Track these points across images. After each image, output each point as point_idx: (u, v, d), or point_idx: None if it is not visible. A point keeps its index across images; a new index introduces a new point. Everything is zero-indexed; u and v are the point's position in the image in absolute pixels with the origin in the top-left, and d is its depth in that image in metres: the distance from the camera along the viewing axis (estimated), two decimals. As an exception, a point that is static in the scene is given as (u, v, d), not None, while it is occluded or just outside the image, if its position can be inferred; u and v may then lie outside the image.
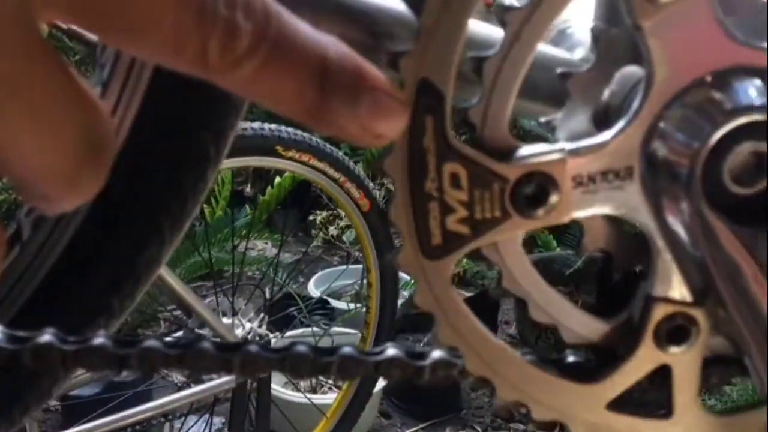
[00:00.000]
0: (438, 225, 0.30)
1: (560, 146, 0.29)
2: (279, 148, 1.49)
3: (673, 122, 0.29)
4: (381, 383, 1.84)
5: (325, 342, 2.04)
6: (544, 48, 0.34)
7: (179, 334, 1.74)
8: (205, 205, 2.30)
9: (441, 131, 0.28)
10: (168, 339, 0.33)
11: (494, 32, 0.29)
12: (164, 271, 1.45)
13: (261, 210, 2.36)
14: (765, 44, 0.28)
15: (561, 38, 0.43)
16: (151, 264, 0.36)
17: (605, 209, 0.30)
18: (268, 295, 2.00)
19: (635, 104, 0.29)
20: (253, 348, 0.34)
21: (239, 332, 1.66)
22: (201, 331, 1.67)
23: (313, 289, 2.43)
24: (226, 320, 1.72)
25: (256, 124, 1.51)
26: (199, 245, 2.03)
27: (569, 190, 0.29)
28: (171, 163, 0.34)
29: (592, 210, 0.30)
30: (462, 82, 0.30)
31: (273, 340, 1.75)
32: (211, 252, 1.88)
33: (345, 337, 2.02)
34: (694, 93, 0.28)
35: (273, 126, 1.52)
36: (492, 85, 0.29)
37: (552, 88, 0.31)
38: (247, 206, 2.64)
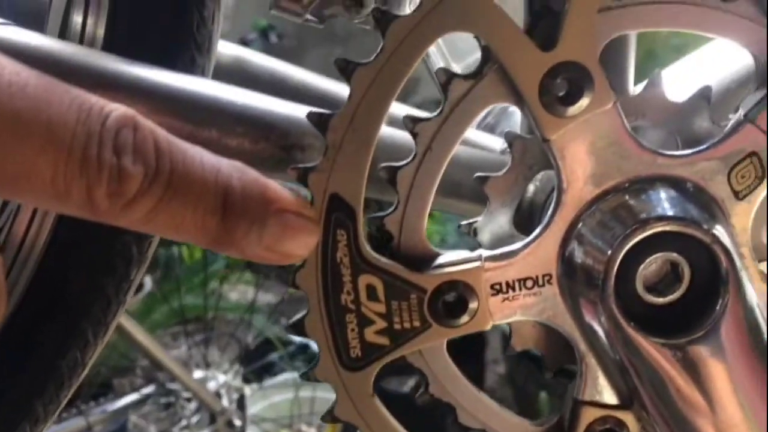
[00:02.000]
0: (356, 337, 0.29)
1: (477, 254, 0.29)
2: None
3: (587, 230, 0.28)
4: None
5: (306, 389, 2.01)
6: (464, 148, 0.34)
7: (150, 389, 1.71)
8: (184, 248, 2.27)
9: (354, 244, 0.28)
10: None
11: (407, 139, 0.29)
12: (129, 325, 1.43)
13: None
14: (677, 153, 0.28)
15: (503, 117, 0.44)
16: (75, 367, 0.35)
17: (526, 315, 0.30)
18: (249, 341, 1.97)
19: (549, 212, 0.29)
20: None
21: (212, 386, 1.63)
22: (172, 386, 1.63)
23: (296, 333, 2.38)
24: (199, 373, 1.69)
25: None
26: (173, 292, 2.00)
27: (488, 297, 0.29)
28: (92, 266, 0.33)
29: (512, 317, 0.30)
30: (378, 190, 0.29)
31: (248, 392, 1.72)
32: (182, 300, 1.85)
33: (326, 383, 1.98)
34: (606, 202, 0.28)
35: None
36: (407, 195, 0.29)
37: (474, 188, 0.31)
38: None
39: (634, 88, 0.34)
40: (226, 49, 0.41)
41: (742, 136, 0.28)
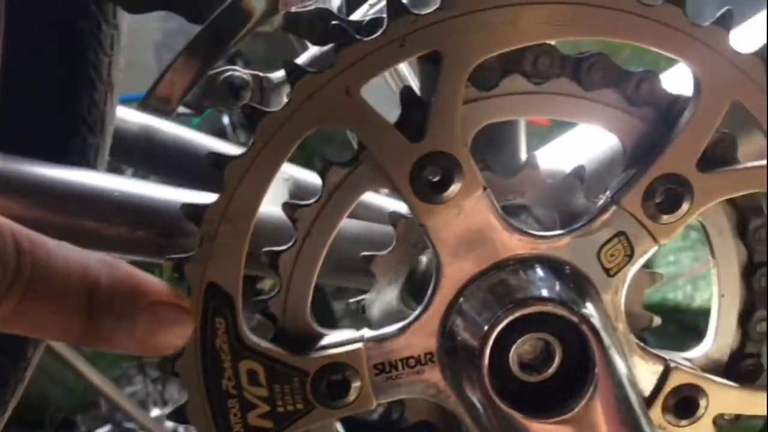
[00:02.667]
0: (239, 421, 0.29)
1: (360, 335, 0.29)
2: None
3: (464, 310, 0.29)
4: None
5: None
6: (354, 224, 0.34)
7: (107, 428, 1.67)
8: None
9: (234, 331, 0.28)
10: None
11: (282, 222, 0.29)
12: (84, 366, 1.40)
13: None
14: (547, 233, 0.29)
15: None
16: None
17: (410, 393, 0.30)
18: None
19: (429, 293, 0.29)
20: None
21: (169, 425, 1.60)
22: (129, 425, 1.60)
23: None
24: (156, 411, 1.66)
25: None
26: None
27: (371, 377, 0.29)
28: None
29: (397, 395, 0.30)
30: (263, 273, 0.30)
31: None
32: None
33: None
34: (482, 282, 0.29)
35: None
36: (288, 279, 0.29)
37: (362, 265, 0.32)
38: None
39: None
40: (133, 118, 0.41)
41: (609, 217, 0.29)
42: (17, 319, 0.23)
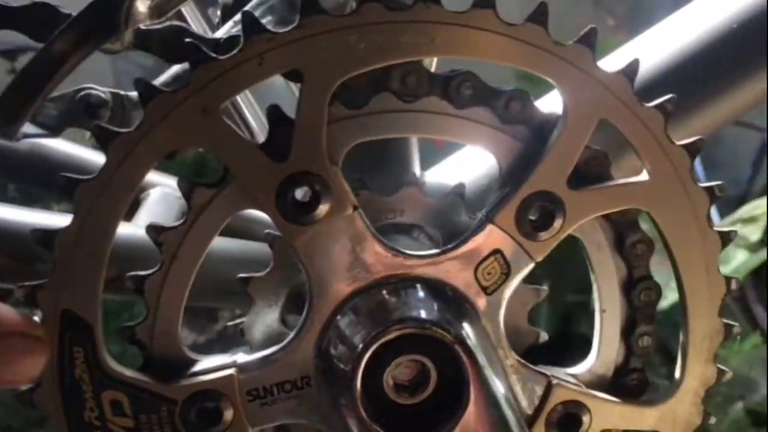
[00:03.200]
0: (105, 455, 0.28)
1: (232, 360, 0.29)
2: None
3: (338, 332, 0.28)
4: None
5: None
6: (231, 245, 0.34)
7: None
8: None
9: (94, 360, 0.27)
10: None
11: (148, 245, 0.28)
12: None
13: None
14: (423, 252, 0.29)
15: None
16: None
17: (289, 418, 0.29)
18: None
19: (303, 316, 0.29)
20: None
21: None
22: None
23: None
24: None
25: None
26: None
27: (245, 404, 0.29)
28: None
29: (275, 421, 0.29)
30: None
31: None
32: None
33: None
34: (356, 303, 0.28)
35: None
36: (156, 304, 0.28)
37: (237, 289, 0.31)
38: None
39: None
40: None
41: (484, 235, 0.29)
42: None
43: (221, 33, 0.27)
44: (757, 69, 0.35)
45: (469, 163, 0.36)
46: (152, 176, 0.40)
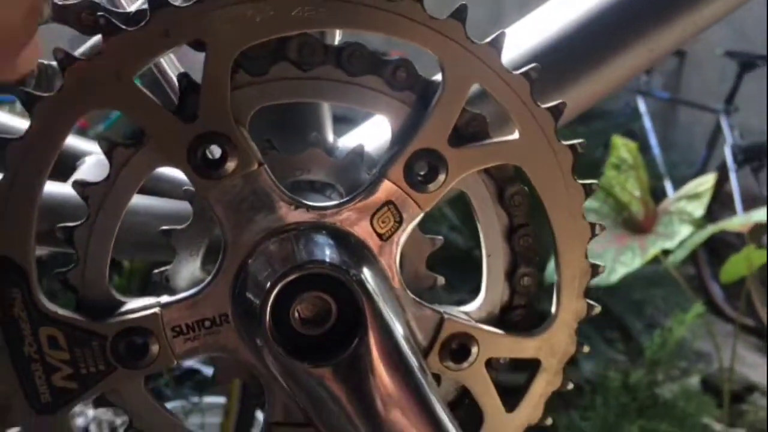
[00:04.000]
0: (44, 383, 0.31)
1: (155, 301, 0.32)
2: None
3: (250, 274, 0.32)
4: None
5: (196, 415, 1.98)
6: (152, 201, 0.37)
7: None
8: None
9: (30, 301, 0.30)
10: None
11: (78, 201, 0.32)
12: None
13: (130, 276, 2.27)
14: (324, 204, 0.33)
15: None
16: None
17: (209, 352, 0.33)
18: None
19: (219, 260, 0.32)
20: None
21: (80, 422, 1.58)
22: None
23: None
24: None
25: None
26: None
27: (170, 339, 0.32)
28: None
29: (197, 354, 0.33)
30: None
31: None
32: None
33: (215, 408, 1.97)
34: (265, 248, 0.32)
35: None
36: (84, 252, 0.32)
37: (161, 241, 0.34)
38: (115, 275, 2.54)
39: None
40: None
41: (378, 189, 0.33)
42: None
43: (133, 7, 0.31)
44: (626, 46, 0.39)
45: (373, 129, 0.40)
46: (89, 145, 0.44)
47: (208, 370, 2.27)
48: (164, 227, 0.34)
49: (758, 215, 2.02)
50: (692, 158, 4.17)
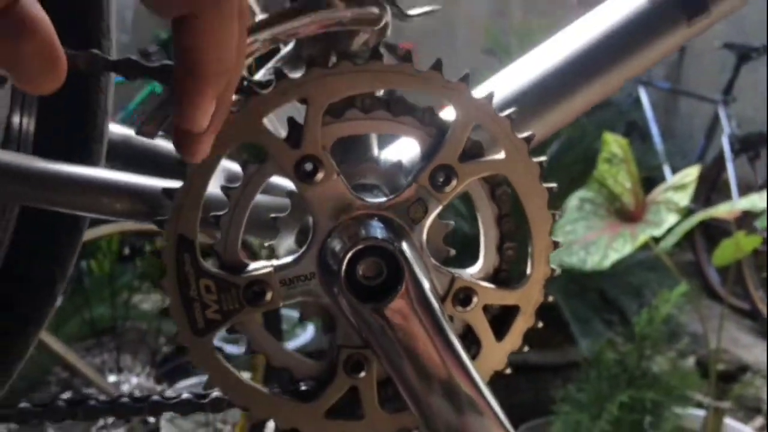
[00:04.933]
0: (200, 316, 0.49)
1: (271, 264, 0.50)
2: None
3: (331, 246, 0.50)
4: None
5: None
6: (264, 199, 0.55)
7: (67, 394, 1.82)
8: (92, 261, 2.37)
9: (195, 262, 0.48)
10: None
11: (222, 198, 0.49)
12: (45, 336, 1.56)
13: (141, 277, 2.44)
14: (375, 200, 0.50)
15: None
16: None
17: (305, 297, 0.51)
18: (160, 346, 2.10)
19: (310, 237, 0.50)
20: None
21: (125, 388, 1.77)
22: (88, 390, 1.76)
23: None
24: (112, 377, 1.82)
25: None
26: (83, 304, 2.11)
27: (279, 288, 0.50)
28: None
29: (296, 298, 0.51)
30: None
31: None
32: (92, 312, 1.98)
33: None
34: (339, 230, 0.50)
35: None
36: (227, 231, 0.49)
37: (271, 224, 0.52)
38: (136, 259, 2.73)
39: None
40: (116, 130, 0.60)
41: (411, 190, 0.50)
42: None
43: (259, 76, 0.48)
44: (586, 85, 0.57)
45: (405, 146, 0.57)
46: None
47: (232, 349, 2.48)
48: (273, 215, 0.51)
49: (743, 203, 2.19)
50: (692, 147, 4.31)
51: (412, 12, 0.55)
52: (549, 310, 0.56)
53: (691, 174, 1.96)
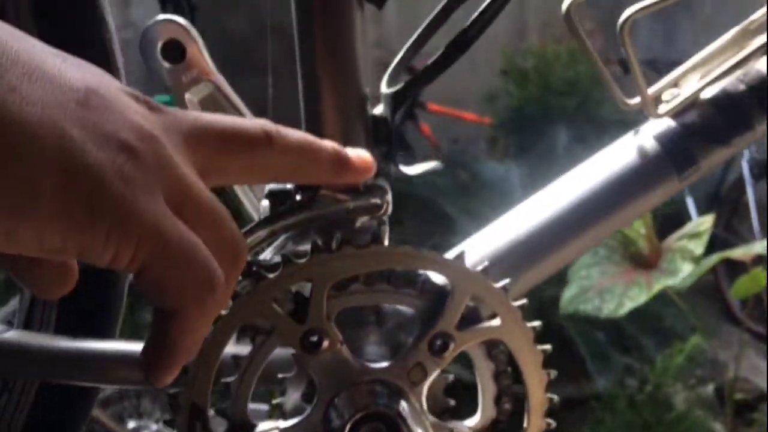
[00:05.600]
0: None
1: (277, 426, 0.53)
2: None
3: (335, 411, 0.52)
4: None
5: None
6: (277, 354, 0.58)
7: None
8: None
9: (206, 429, 0.51)
10: None
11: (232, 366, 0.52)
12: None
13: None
14: (377, 366, 0.53)
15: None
16: None
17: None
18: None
19: (315, 401, 0.53)
20: None
21: None
22: (108, 438, 1.81)
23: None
24: (132, 423, 1.86)
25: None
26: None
27: (284, 449, 0.53)
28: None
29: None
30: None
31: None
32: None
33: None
34: (343, 395, 0.52)
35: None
36: (235, 396, 0.52)
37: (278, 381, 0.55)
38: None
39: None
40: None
41: (411, 355, 0.53)
42: None
43: (267, 257, 0.51)
44: (577, 237, 0.59)
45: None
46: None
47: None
48: (280, 375, 0.54)
49: (758, 247, 2.18)
50: (712, 175, 4.28)
51: (414, 171, 0.57)
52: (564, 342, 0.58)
53: (704, 222, 1.97)
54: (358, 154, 0.47)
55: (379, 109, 0.56)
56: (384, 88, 0.55)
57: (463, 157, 3.98)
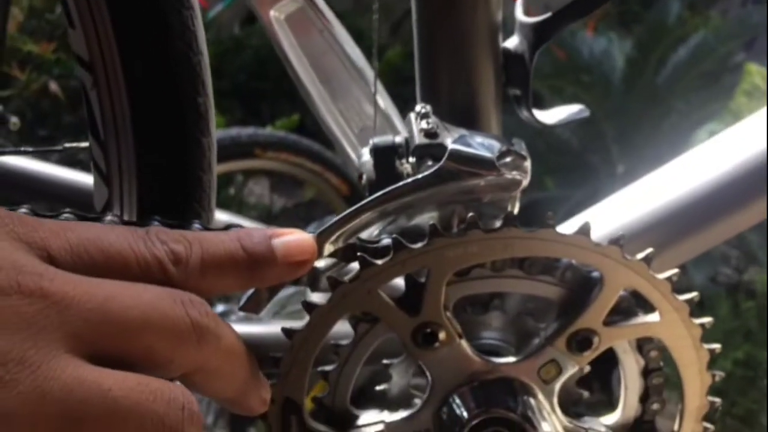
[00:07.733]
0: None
1: (382, 420, 0.46)
2: (257, 151, 1.64)
3: (451, 409, 0.45)
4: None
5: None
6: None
7: None
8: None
9: (302, 423, 0.45)
10: None
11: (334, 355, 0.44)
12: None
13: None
14: (504, 360, 0.44)
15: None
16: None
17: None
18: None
19: (426, 395, 0.45)
20: None
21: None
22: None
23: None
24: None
25: (234, 131, 1.65)
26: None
27: (393, 443, 0.46)
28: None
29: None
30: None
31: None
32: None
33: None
34: (461, 392, 0.44)
35: (249, 131, 1.66)
36: (335, 385, 0.45)
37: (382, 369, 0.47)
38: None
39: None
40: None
41: (544, 351, 0.44)
42: None
43: (381, 244, 0.41)
44: (725, 218, 0.47)
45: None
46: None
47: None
48: (385, 361, 0.47)
49: None
50: None
51: (554, 119, 0.45)
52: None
53: None
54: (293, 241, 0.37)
55: (513, 42, 0.43)
56: (521, 16, 0.42)
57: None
